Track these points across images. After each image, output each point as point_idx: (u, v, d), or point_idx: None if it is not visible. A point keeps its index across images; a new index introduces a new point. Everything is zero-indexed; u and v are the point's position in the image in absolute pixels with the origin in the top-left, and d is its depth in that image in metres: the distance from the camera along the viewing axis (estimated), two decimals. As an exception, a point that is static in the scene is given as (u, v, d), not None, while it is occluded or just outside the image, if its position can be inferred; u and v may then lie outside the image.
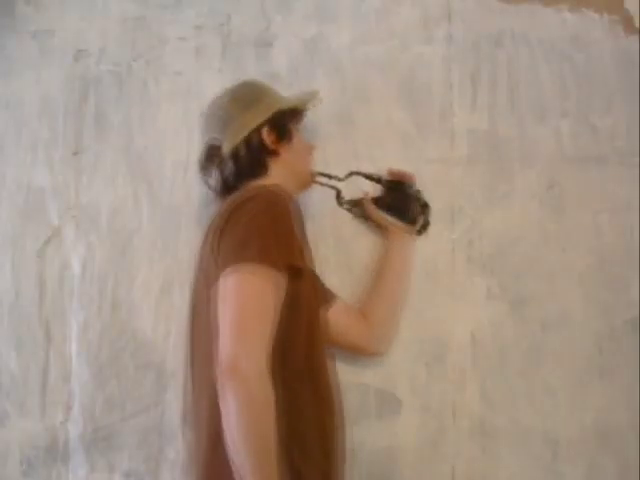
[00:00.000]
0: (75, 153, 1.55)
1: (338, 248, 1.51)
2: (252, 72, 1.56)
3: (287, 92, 1.44)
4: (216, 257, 1.15)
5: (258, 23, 1.60)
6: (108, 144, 1.55)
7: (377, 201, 1.47)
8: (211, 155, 1.32)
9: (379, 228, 1.50)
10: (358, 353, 1.45)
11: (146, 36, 1.59)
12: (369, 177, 1.48)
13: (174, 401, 1.44)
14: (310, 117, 1.47)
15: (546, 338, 1.50)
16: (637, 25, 1.62)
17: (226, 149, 1.29)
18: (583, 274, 1.52)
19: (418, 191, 1.48)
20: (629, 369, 1.48)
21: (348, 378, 1.42)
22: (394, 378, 1.47)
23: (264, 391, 1.04)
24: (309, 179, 1.42)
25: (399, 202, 1.46)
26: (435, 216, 1.51)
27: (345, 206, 1.50)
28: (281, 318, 1.11)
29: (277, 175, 1.30)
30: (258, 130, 1.30)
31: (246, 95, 1.34)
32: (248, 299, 1.09)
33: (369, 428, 1.45)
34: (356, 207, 1.50)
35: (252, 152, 1.29)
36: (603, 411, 1.47)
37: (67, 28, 1.59)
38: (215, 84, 1.55)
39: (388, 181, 1.47)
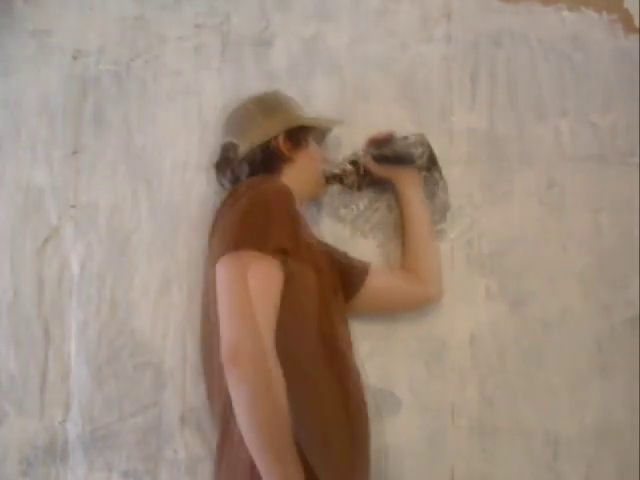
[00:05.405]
0: (74, 152, 1.55)
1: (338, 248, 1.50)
2: (251, 71, 1.57)
3: (287, 92, 1.45)
4: (211, 247, 1.24)
5: (257, 22, 1.60)
6: (107, 143, 1.55)
7: (374, 160, 1.45)
8: (227, 156, 1.37)
9: (386, 183, 1.49)
10: (414, 306, 1.47)
11: (145, 35, 1.59)
12: (364, 163, 1.46)
13: (172, 401, 1.44)
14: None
15: (546, 337, 1.49)
16: (637, 24, 1.62)
17: (242, 152, 1.35)
18: (583, 273, 1.52)
19: (405, 137, 1.46)
20: (629, 368, 1.47)
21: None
22: (393, 377, 1.47)
23: (270, 372, 1.05)
24: (320, 188, 1.45)
25: (394, 151, 1.44)
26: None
27: (349, 184, 1.47)
28: (283, 303, 1.13)
29: (289, 180, 1.34)
30: (275, 137, 1.35)
31: (270, 104, 1.40)
32: (240, 286, 1.11)
33: (368, 427, 1.45)
34: (360, 180, 1.47)
35: (267, 157, 1.35)
36: (603, 410, 1.47)
37: (66, 27, 1.59)
38: (214, 83, 1.56)
39: (376, 149, 1.45)
